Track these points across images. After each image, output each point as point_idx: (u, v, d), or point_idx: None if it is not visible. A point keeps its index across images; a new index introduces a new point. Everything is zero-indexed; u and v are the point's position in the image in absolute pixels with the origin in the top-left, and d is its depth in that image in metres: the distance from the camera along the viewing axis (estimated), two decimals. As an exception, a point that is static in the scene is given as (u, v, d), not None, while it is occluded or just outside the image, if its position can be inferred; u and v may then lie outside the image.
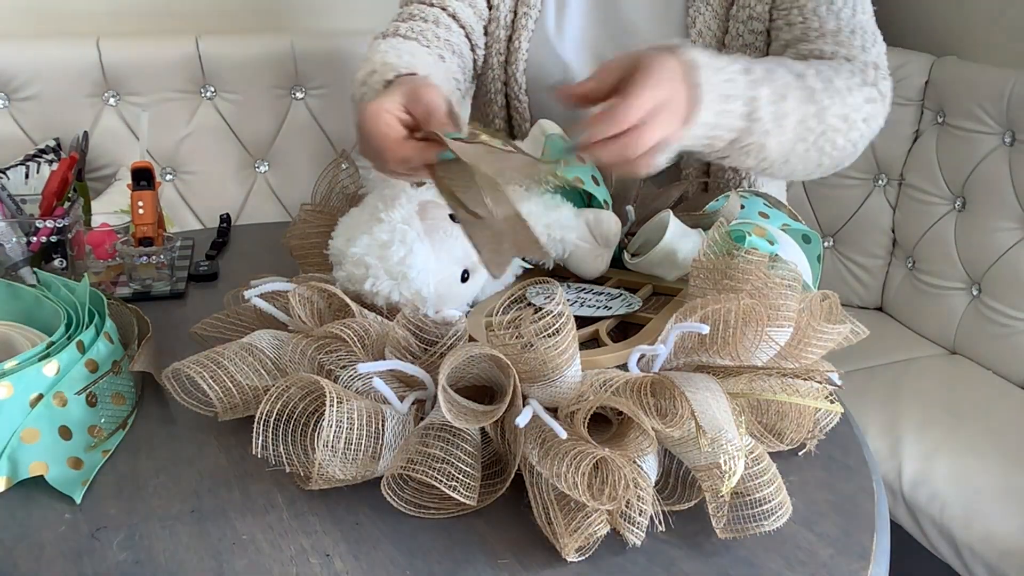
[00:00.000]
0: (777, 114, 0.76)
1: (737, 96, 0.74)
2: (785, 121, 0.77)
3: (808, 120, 0.79)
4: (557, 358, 0.59)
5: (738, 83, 0.74)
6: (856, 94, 0.83)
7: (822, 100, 0.79)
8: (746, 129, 0.75)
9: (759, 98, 0.75)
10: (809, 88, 0.79)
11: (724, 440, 0.55)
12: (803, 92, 0.78)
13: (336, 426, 0.57)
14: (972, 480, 1.26)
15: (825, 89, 0.80)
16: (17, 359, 0.64)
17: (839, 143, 0.82)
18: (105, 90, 1.60)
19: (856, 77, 0.84)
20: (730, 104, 0.73)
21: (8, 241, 0.88)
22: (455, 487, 0.56)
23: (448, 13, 1.04)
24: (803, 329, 0.68)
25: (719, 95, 0.72)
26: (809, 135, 0.80)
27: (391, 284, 0.70)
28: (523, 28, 1.04)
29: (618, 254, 0.87)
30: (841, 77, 0.83)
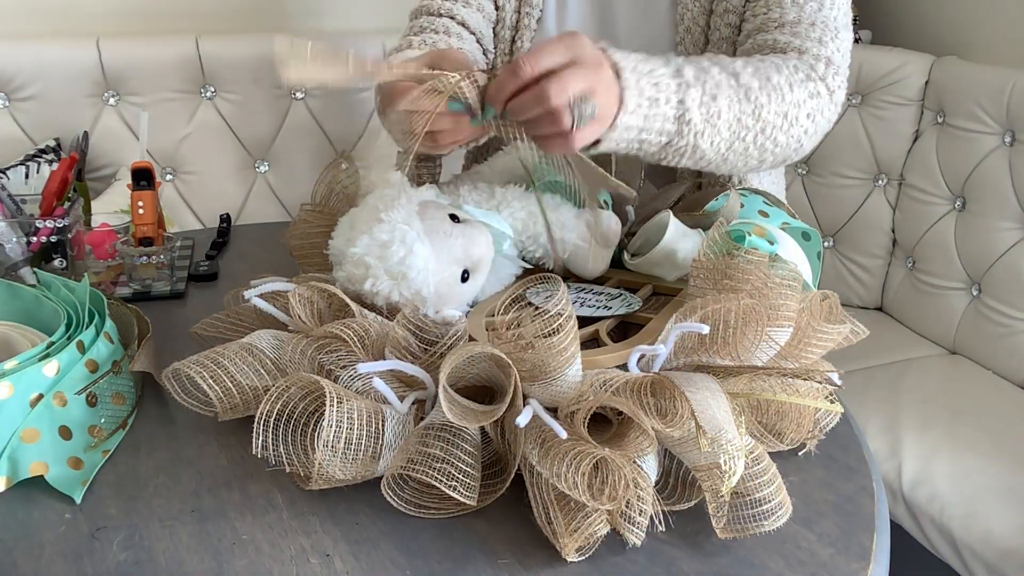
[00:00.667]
0: (709, 115, 0.75)
1: (665, 99, 0.73)
2: (718, 121, 0.76)
3: (744, 119, 0.78)
4: (558, 357, 0.59)
5: (666, 86, 0.73)
6: (798, 90, 0.82)
7: (759, 98, 0.79)
8: (677, 131, 0.75)
9: (689, 100, 0.74)
10: (744, 87, 0.78)
11: (724, 440, 0.55)
12: (738, 91, 0.78)
13: (336, 426, 0.57)
14: (972, 480, 1.26)
15: (762, 87, 0.79)
16: (17, 359, 0.64)
17: (780, 140, 0.82)
18: (105, 90, 1.60)
19: (800, 72, 0.83)
20: (658, 108, 0.73)
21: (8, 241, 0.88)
22: (455, 487, 0.56)
23: (457, 21, 1.04)
24: (803, 329, 0.68)
25: (646, 98, 0.72)
26: (746, 133, 0.79)
27: (391, 284, 0.70)
28: (525, 28, 1.04)
29: (618, 254, 0.87)
30: (782, 73, 0.82)
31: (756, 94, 0.78)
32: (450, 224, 0.73)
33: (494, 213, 0.81)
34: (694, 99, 0.74)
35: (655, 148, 0.75)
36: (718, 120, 0.76)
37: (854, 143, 1.80)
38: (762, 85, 0.79)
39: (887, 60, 1.75)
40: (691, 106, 0.74)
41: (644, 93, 0.71)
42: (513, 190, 0.84)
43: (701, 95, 0.75)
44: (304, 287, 0.71)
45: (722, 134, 0.77)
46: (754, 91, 0.78)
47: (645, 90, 0.71)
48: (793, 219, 0.89)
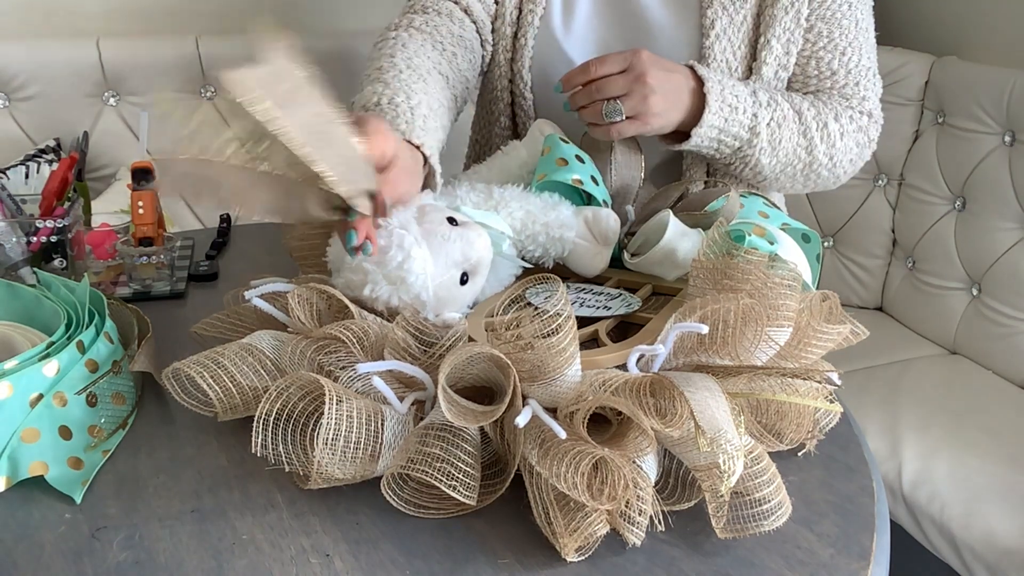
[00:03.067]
0: (773, 138, 0.92)
1: (743, 109, 0.90)
2: (779, 145, 0.93)
3: (799, 151, 0.94)
4: (557, 357, 0.59)
5: (744, 98, 0.90)
6: (848, 139, 0.98)
7: (814, 138, 0.95)
8: (748, 141, 0.91)
9: (760, 116, 0.91)
10: (805, 125, 0.94)
11: (723, 440, 0.55)
12: (800, 126, 0.94)
13: (335, 425, 0.57)
14: (972, 480, 1.26)
15: (819, 129, 0.95)
16: (17, 359, 0.64)
17: (823, 175, 0.99)
18: (105, 90, 1.60)
19: (853, 123, 0.99)
20: (736, 115, 0.90)
21: (8, 241, 0.88)
22: (455, 487, 0.56)
23: (461, 7, 1.04)
24: (803, 329, 0.68)
25: (726, 103, 0.89)
26: (798, 163, 0.95)
27: (390, 289, 0.70)
28: (529, 25, 1.04)
29: (617, 254, 0.87)
30: (840, 122, 0.97)
31: (813, 134, 0.94)
32: (448, 227, 0.73)
33: (492, 213, 0.81)
34: (764, 118, 0.91)
35: (729, 151, 0.92)
36: (779, 145, 0.92)
37: (854, 143, 1.80)
38: (819, 127, 0.95)
39: (887, 60, 1.75)
40: (761, 123, 0.91)
41: (726, 100, 0.89)
42: (511, 190, 0.84)
43: (770, 117, 0.92)
44: (304, 288, 0.71)
45: (779, 157, 0.93)
46: (812, 131, 0.94)
47: (727, 98, 0.89)
48: (793, 220, 0.89)
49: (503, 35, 1.06)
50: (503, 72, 1.07)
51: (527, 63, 1.05)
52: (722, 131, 0.90)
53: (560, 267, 0.87)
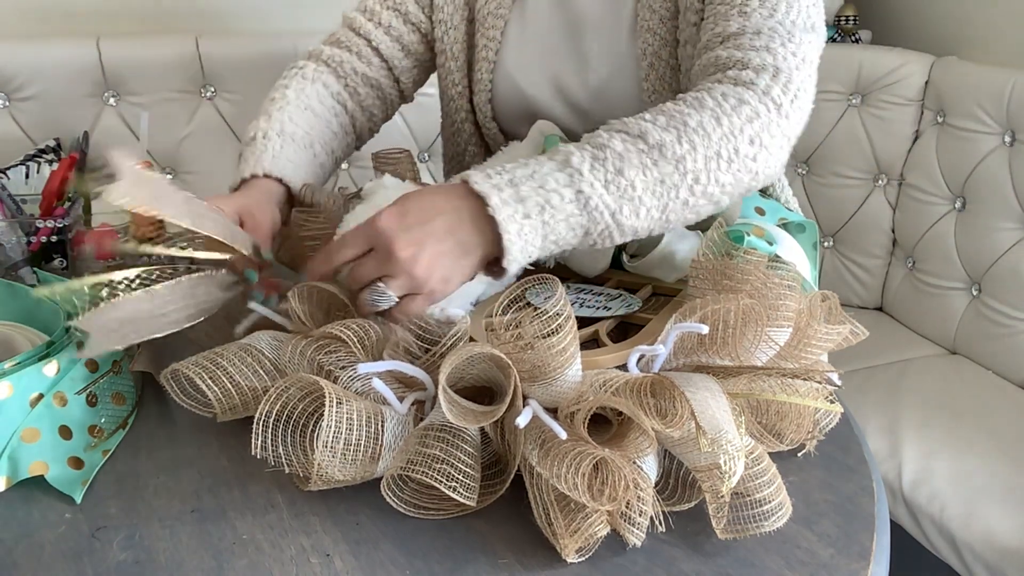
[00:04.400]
0: (621, 191, 0.69)
1: (559, 196, 0.67)
2: (634, 192, 0.69)
3: (667, 178, 0.70)
4: (557, 358, 0.59)
5: (555, 182, 0.67)
6: (729, 121, 0.73)
7: (677, 151, 0.71)
8: (590, 220, 0.68)
9: (587, 187, 0.68)
10: (657, 145, 0.70)
11: (724, 440, 0.55)
12: (649, 153, 0.70)
13: (335, 427, 0.57)
14: (972, 480, 1.26)
15: (680, 137, 0.71)
16: (17, 359, 0.64)
17: (724, 180, 0.72)
18: (105, 90, 1.60)
19: (730, 99, 0.74)
20: (554, 209, 0.67)
21: (8, 241, 0.88)
22: (455, 487, 0.56)
23: (371, 46, 1.05)
24: (803, 330, 0.68)
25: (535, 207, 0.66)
26: (676, 191, 0.71)
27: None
28: (483, 60, 1.02)
29: (617, 254, 0.87)
30: (704, 111, 0.73)
31: (674, 148, 0.70)
32: None
33: None
34: (593, 184, 0.68)
35: (576, 242, 0.70)
36: (633, 192, 0.69)
37: (854, 143, 1.80)
38: (680, 135, 0.71)
39: (887, 60, 1.75)
40: (592, 192, 0.67)
41: (528, 204, 0.66)
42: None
43: (604, 176, 0.68)
44: (304, 286, 0.71)
45: (646, 203, 0.70)
46: (670, 146, 0.70)
47: (529, 200, 0.66)
48: (789, 212, 0.89)
49: (449, 70, 1.05)
50: (459, 106, 1.07)
51: (485, 96, 1.03)
52: (546, 237, 0.67)
53: (560, 267, 0.87)
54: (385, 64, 1.06)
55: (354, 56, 1.04)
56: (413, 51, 1.06)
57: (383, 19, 1.04)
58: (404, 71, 1.07)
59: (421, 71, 1.10)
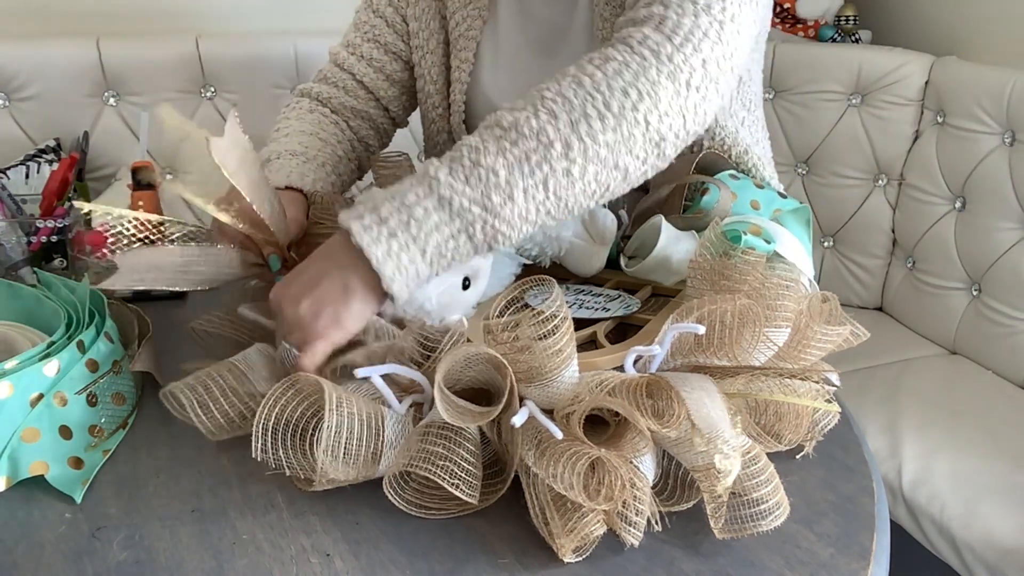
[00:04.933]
0: (483, 183, 0.65)
1: (423, 209, 0.65)
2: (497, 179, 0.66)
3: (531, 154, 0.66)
4: (554, 359, 0.59)
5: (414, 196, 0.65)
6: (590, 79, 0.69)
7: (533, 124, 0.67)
8: (464, 222, 0.65)
9: (445, 190, 0.65)
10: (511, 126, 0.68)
11: (720, 440, 0.55)
12: (504, 138, 0.67)
13: (337, 426, 0.57)
14: (972, 480, 1.26)
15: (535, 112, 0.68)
16: (17, 359, 0.64)
17: (607, 139, 0.68)
18: (105, 90, 1.60)
19: (594, 60, 0.70)
20: (420, 223, 0.65)
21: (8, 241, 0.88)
22: (458, 485, 0.56)
23: (356, 80, 1.06)
24: (802, 330, 0.68)
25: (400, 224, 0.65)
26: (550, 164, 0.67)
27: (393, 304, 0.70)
28: (457, 82, 1.02)
29: (615, 256, 0.87)
30: (564, 79, 0.70)
31: (529, 122, 0.67)
32: None
33: None
34: (452, 184, 0.65)
35: (468, 248, 0.67)
36: (497, 178, 0.65)
37: (854, 143, 1.80)
38: (536, 109, 0.68)
39: (887, 60, 1.75)
40: (453, 193, 0.65)
41: (391, 224, 0.64)
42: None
43: (463, 174, 0.66)
44: None
45: (518, 184, 0.66)
46: (524, 121, 0.67)
47: (391, 219, 0.65)
48: (783, 199, 0.89)
49: (428, 94, 1.06)
50: (440, 128, 1.07)
51: (459, 117, 1.03)
52: (424, 251, 0.65)
53: (559, 268, 0.87)
54: (372, 96, 1.07)
55: (341, 91, 1.06)
56: (397, 79, 1.07)
57: (364, 52, 1.05)
58: (392, 100, 1.08)
59: (409, 97, 1.10)
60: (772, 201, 0.88)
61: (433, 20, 1.03)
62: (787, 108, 1.85)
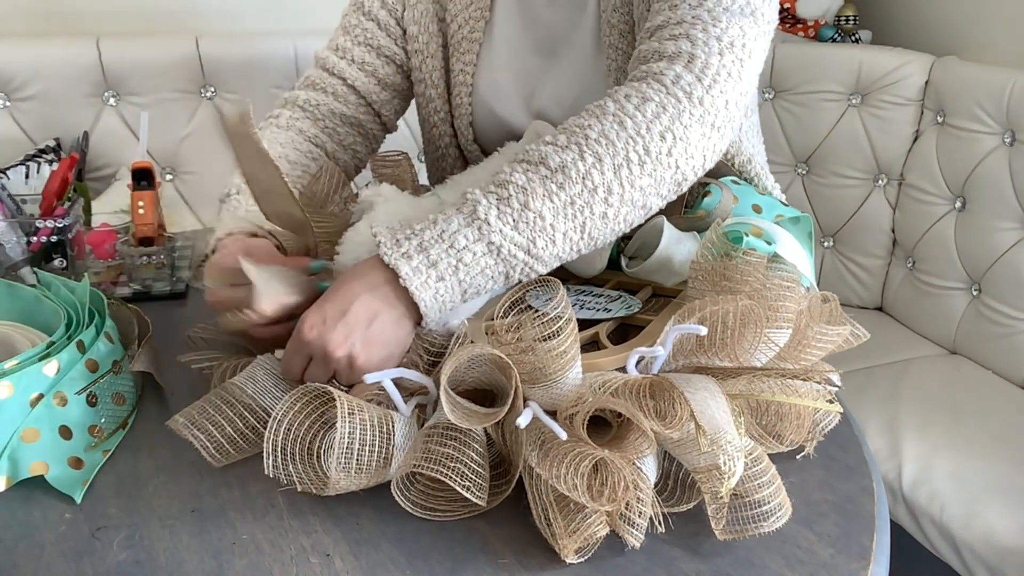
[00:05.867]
0: (531, 226, 0.67)
1: (471, 253, 0.66)
2: (543, 223, 0.68)
3: (577, 199, 0.68)
4: (558, 360, 0.59)
5: (463, 238, 0.66)
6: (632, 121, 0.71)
7: (580, 168, 0.69)
8: (507, 266, 0.68)
9: (495, 236, 0.67)
10: (558, 168, 0.69)
11: (723, 441, 0.55)
12: (553, 177, 0.68)
13: (349, 439, 0.57)
14: (972, 480, 1.26)
15: (580, 154, 0.69)
16: (17, 359, 0.64)
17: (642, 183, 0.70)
18: (105, 90, 1.60)
19: (632, 100, 0.72)
20: (468, 267, 0.66)
21: (8, 241, 0.88)
22: (468, 487, 0.56)
23: (347, 85, 1.04)
24: (803, 331, 0.68)
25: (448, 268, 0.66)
26: (591, 208, 0.69)
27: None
28: (461, 84, 1.01)
29: (615, 257, 0.87)
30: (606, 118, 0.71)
31: (576, 166, 0.69)
32: None
33: None
34: (502, 230, 0.67)
35: (499, 287, 0.70)
36: (543, 222, 0.67)
37: (854, 143, 1.80)
38: (581, 151, 0.69)
39: (887, 60, 1.75)
40: (503, 240, 0.67)
41: (440, 268, 0.66)
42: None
43: (512, 217, 0.67)
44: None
45: (559, 228, 0.68)
46: (572, 165, 0.69)
47: (440, 264, 0.66)
48: (785, 207, 0.89)
49: (429, 98, 1.04)
50: (442, 132, 1.06)
51: (466, 120, 1.03)
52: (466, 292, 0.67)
53: (560, 268, 0.87)
54: (363, 101, 1.05)
55: (330, 97, 1.03)
56: (390, 83, 1.05)
57: (356, 55, 1.03)
58: (383, 104, 1.06)
59: (401, 101, 1.09)
60: (774, 207, 0.88)
61: (432, 23, 1.02)
62: (787, 108, 1.85)
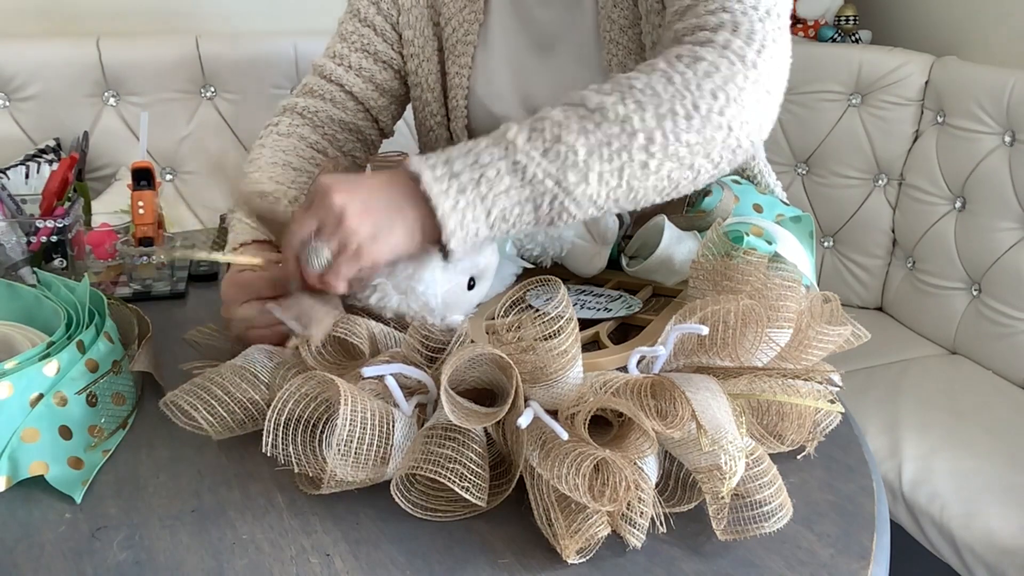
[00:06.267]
0: (561, 157, 0.66)
1: (495, 171, 0.65)
2: (576, 158, 0.66)
3: (613, 140, 0.67)
4: (559, 360, 0.59)
5: (489, 155, 0.66)
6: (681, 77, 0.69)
7: (620, 111, 0.68)
8: (534, 192, 0.66)
9: (522, 157, 0.65)
10: (597, 108, 0.68)
11: (725, 441, 0.55)
12: (589, 119, 0.67)
13: (349, 425, 0.57)
14: (972, 480, 1.26)
15: (622, 99, 0.68)
16: (17, 359, 0.64)
17: (689, 139, 0.68)
18: (105, 90, 1.60)
19: (684, 59, 0.71)
20: (491, 184, 0.65)
21: (8, 241, 0.88)
22: (467, 488, 0.56)
23: (345, 91, 1.04)
24: (803, 331, 0.68)
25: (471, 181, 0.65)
26: (629, 153, 0.67)
27: (399, 299, 0.70)
28: (457, 87, 1.01)
29: (615, 256, 0.87)
30: (654, 73, 0.70)
31: (616, 108, 0.68)
32: None
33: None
34: (530, 153, 0.65)
35: (531, 217, 0.67)
36: (576, 157, 0.66)
37: (854, 143, 1.80)
38: (623, 96, 0.68)
39: (887, 60, 1.75)
40: (529, 162, 0.65)
41: (462, 179, 0.65)
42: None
43: (543, 145, 0.66)
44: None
45: (594, 167, 0.66)
46: (611, 107, 0.68)
47: (463, 175, 0.65)
48: (785, 206, 0.89)
49: (425, 101, 1.05)
50: (439, 135, 1.06)
51: (461, 123, 1.03)
52: (490, 213, 0.65)
53: (560, 268, 0.87)
54: (361, 106, 1.06)
55: (328, 103, 1.04)
56: (387, 89, 1.06)
57: (352, 62, 1.04)
58: (381, 110, 1.07)
59: (397, 106, 1.09)
60: (774, 206, 0.88)
61: (427, 27, 1.02)
62: (787, 108, 1.85)
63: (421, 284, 0.69)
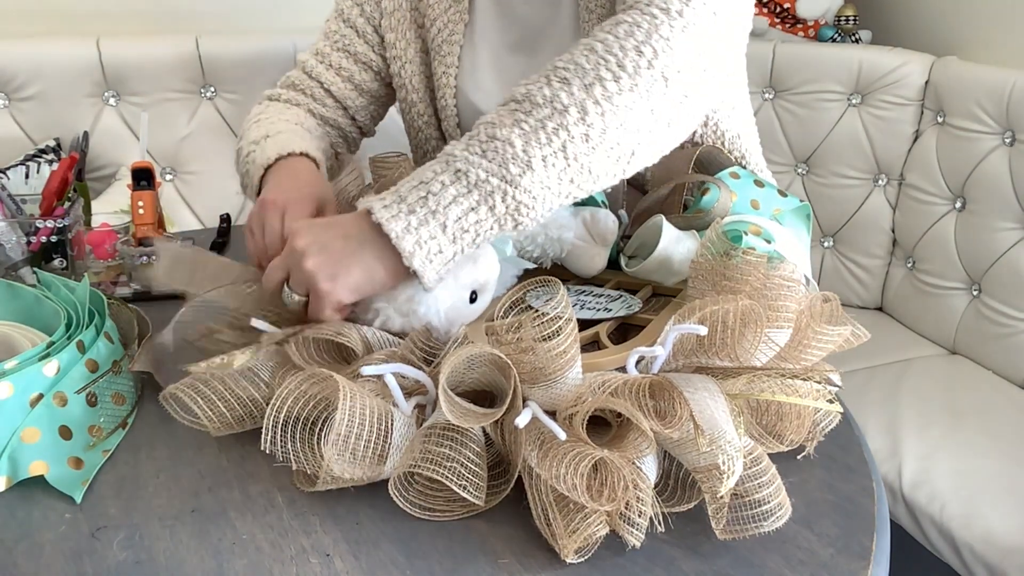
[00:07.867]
0: (499, 154, 0.66)
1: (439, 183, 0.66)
2: (514, 149, 0.66)
3: (546, 122, 0.67)
4: (558, 360, 0.59)
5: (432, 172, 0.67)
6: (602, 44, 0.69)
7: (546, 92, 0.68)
8: (484, 193, 0.66)
9: (461, 164, 0.66)
10: (524, 98, 0.68)
11: (723, 441, 0.55)
12: (518, 110, 0.68)
13: (348, 421, 0.57)
14: (972, 480, 1.26)
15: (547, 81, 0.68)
16: (17, 359, 0.64)
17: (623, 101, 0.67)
18: (105, 90, 1.60)
19: (604, 28, 0.70)
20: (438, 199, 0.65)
21: (8, 241, 0.88)
22: (465, 487, 0.56)
23: (323, 88, 1.05)
24: (803, 331, 0.68)
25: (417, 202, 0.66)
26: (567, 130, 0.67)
27: (402, 321, 0.70)
28: (445, 87, 1.01)
29: (615, 257, 0.87)
30: (576, 49, 0.70)
31: (542, 91, 0.68)
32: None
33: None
34: (468, 158, 0.66)
35: (491, 223, 0.67)
36: (513, 148, 0.66)
37: (854, 143, 1.80)
38: (548, 79, 0.69)
39: (887, 60, 1.75)
40: (468, 166, 0.66)
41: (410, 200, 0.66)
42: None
43: (480, 148, 0.66)
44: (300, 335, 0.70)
45: (535, 154, 0.66)
46: (537, 91, 0.68)
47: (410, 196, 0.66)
48: (783, 198, 0.89)
49: (412, 103, 1.05)
50: (428, 135, 1.06)
51: (453, 121, 1.03)
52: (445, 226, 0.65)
53: (558, 268, 0.87)
54: (339, 105, 1.06)
55: (309, 98, 1.05)
56: (367, 89, 1.06)
57: (333, 61, 1.05)
58: (359, 110, 1.07)
59: (378, 107, 1.10)
60: (772, 200, 0.88)
61: (409, 30, 1.02)
62: (787, 108, 1.85)
63: (422, 306, 0.69)
